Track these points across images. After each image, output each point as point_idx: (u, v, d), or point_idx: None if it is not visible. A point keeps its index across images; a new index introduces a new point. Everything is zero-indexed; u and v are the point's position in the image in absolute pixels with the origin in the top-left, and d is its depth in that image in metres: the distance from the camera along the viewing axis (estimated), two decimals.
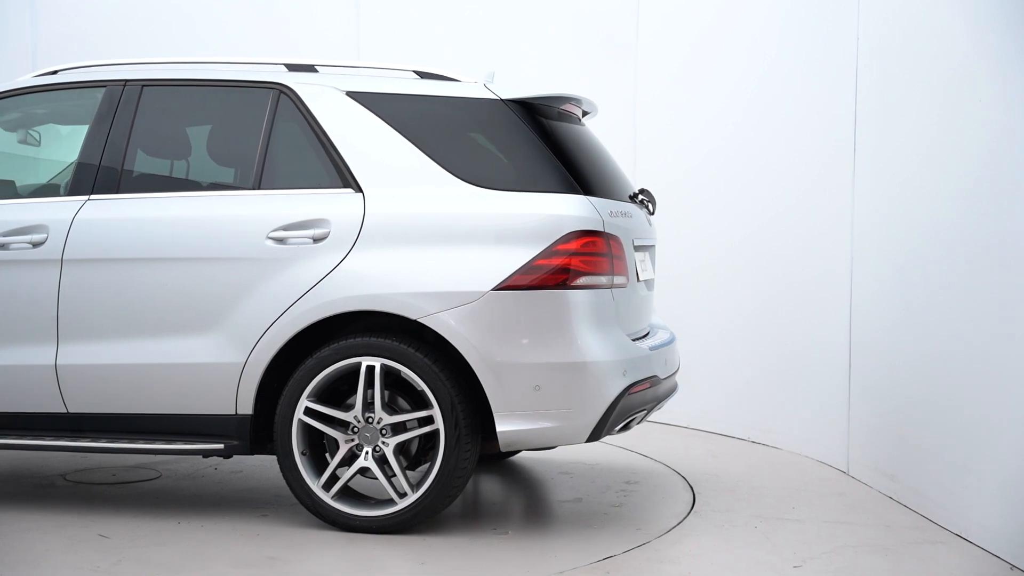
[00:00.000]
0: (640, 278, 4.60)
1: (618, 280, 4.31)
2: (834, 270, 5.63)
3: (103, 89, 4.62)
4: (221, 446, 4.29)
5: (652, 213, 4.96)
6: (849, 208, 5.50)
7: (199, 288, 4.29)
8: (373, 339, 4.19)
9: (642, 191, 4.83)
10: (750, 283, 6.39)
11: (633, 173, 6.68)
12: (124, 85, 4.60)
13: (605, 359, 4.11)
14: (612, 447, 5.95)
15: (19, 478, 5.27)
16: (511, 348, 4.07)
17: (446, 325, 4.09)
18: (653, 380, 4.38)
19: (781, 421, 6.15)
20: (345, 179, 4.29)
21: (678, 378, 4.94)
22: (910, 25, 4.93)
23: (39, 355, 4.42)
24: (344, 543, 4.16)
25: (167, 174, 4.63)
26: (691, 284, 6.62)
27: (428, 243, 4.15)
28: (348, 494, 4.32)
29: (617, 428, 4.24)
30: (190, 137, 4.67)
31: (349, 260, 4.19)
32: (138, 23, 8.38)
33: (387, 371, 4.20)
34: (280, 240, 4.26)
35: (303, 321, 4.20)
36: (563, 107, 4.57)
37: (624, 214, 4.45)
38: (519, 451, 5.55)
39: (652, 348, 4.45)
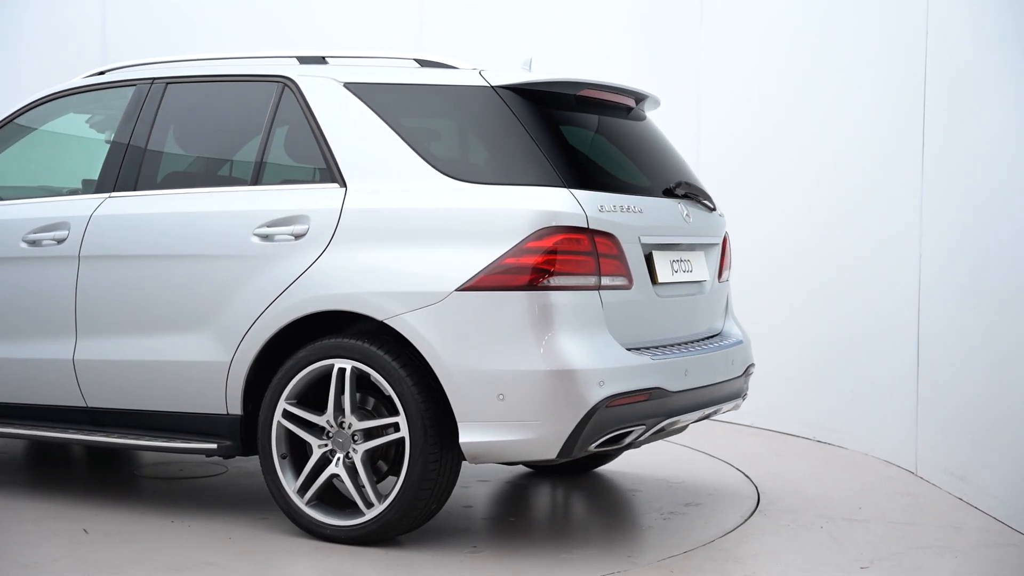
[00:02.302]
0: (659, 279, 4.18)
1: (610, 281, 3.95)
2: (902, 265, 5.54)
3: (134, 88, 4.67)
4: (214, 446, 4.24)
5: (712, 209, 4.66)
6: (918, 199, 5.40)
7: (191, 285, 4.27)
8: (344, 340, 4.02)
9: (682, 184, 4.44)
10: (813, 276, 6.30)
11: (696, 164, 6.60)
12: (151, 83, 4.63)
13: (576, 367, 3.77)
14: (670, 444, 5.90)
15: (93, 471, 5.37)
16: (474, 353, 3.82)
17: (410, 327, 3.88)
18: (655, 393, 3.96)
19: (846, 419, 6.07)
20: (332, 174, 4.16)
21: (735, 386, 4.56)
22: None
23: (61, 350, 4.52)
24: (301, 552, 4.01)
25: (182, 171, 4.63)
26: (753, 276, 6.52)
27: (399, 240, 3.97)
28: (328, 501, 4.13)
29: (594, 445, 3.88)
30: (206, 134, 4.66)
31: (324, 258, 4.05)
32: (207, 23, 8.49)
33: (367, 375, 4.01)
34: (266, 237, 4.16)
35: (279, 321, 4.09)
36: (584, 94, 4.24)
37: (629, 209, 4.06)
38: (602, 462, 5.25)
39: (657, 357, 4.04)
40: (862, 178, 5.94)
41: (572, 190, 3.92)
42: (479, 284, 3.83)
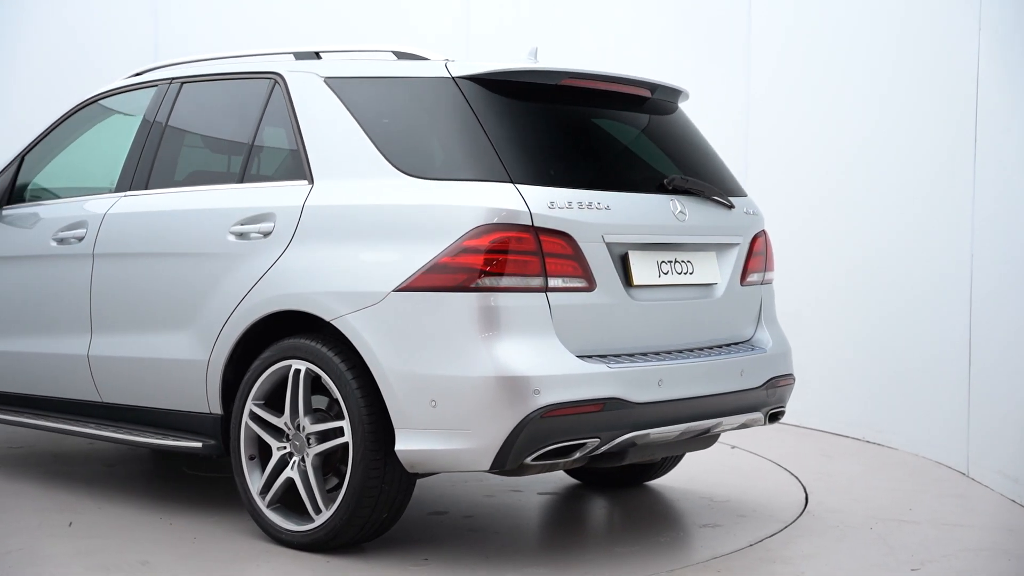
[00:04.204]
0: (636, 282, 3.89)
1: (562, 283, 3.71)
2: (953, 263, 5.47)
3: (155, 88, 4.71)
4: (199, 444, 4.22)
5: (730, 207, 4.25)
6: (970, 201, 5.34)
7: (178, 283, 4.29)
8: (300, 341, 3.94)
9: (676, 179, 4.09)
10: (863, 274, 6.24)
11: (745, 166, 6.56)
12: (169, 83, 4.67)
13: (507, 374, 3.56)
14: (716, 444, 5.86)
15: (144, 467, 5.42)
16: (408, 356, 3.67)
17: (351, 328, 3.76)
18: (610, 403, 3.68)
19: (895, 420, 6.00)
20: (304, 170, 4.09)
21: (747, 399, 4.18)
22: None
23: (79, 345, 4.61)
24: (249, 557, 3.92)
25: (186, 170, 4.66)
26: (799, 270, 6.45)
27: (349, 239, 3.87)
28: (291, 505, 4.02)
29: (532, 457, 3.63)
30: (209, 131, 4.69)
31: (284, 257, 3.99)
32: (257, 23, 8.56)
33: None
34: (240, 235, 4.13)
35: (245, 321, 4.05)
36: (571, 84, 4.02)
37: (591, 206, 3.80)
38: (652, 475, 5.01)
39: (617, 365, 3.75)
40: (913, 171, 5.86)
41: (520, 185, 3.71)
42: (415, 285, 3.69)
